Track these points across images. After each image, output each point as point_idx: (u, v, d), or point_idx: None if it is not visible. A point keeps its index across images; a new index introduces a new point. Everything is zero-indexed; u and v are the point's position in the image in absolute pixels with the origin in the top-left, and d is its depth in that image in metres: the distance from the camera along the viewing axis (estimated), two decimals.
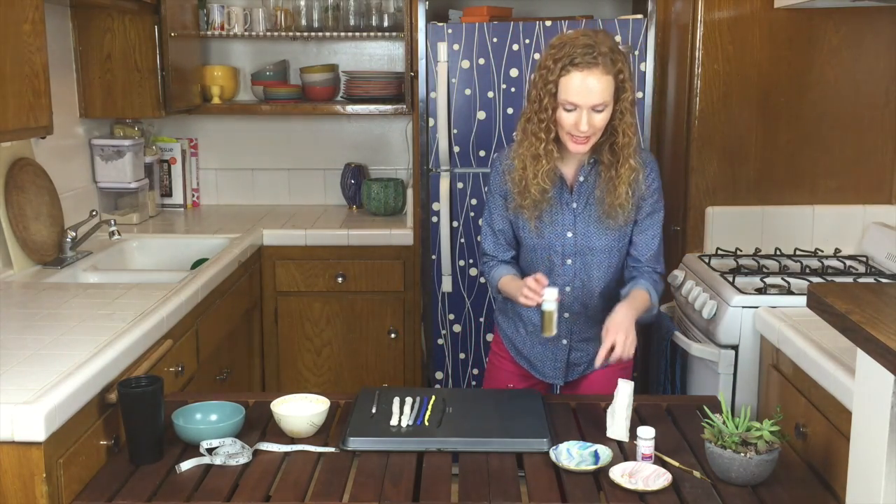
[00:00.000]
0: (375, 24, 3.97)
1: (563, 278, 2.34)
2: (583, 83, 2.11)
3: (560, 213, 2.29)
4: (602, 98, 2.12)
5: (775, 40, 3.12)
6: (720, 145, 3.20)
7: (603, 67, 2.10)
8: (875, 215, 3.18)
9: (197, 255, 3.44)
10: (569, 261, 2.33)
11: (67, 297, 2.56)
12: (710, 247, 3.21)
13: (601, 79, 2.11)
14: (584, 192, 2.29)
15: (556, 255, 2.33)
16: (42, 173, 3.09)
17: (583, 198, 2.29)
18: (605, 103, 2.13)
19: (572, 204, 2.29)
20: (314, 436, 2.05)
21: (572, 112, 2.14)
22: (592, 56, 2.10)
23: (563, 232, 2.31)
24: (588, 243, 2.31)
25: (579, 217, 2.30)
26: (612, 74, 2.12)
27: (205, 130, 4.22)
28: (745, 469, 1.82)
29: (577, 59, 2.10)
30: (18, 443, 1.75)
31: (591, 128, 2.14)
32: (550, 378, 2.45)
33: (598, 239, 2.31)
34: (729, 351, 2.63)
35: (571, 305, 2.37)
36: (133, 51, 3.51)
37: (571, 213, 2.30)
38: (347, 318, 3.73)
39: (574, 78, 2.11)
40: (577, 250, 2.32)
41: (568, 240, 2.31)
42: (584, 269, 2.34)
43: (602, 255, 2.32)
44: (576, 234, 2.31)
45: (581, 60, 2.10)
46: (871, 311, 1.70)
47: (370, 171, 4.24)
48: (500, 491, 1.81)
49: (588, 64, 2.10)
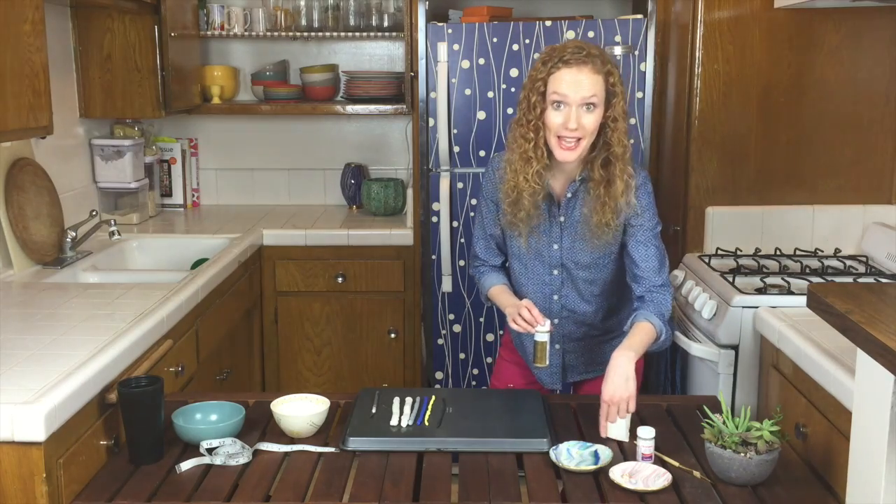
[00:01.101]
0: (375, 24, 3.97)
1: (550, 287, 2.34)
2: (572, 77, 2.09)
3: (547, 225, 2.27)
4: (592, 91, 2.08)
5: (775, 40, 3.12)
6: (720, 145, 3.20)
7: (592, 66, 2.09)
8: (875, 215, 3.18)
9: (197, 255, 3.44)
10: (555, 271, 2.32)
11: (67, 297, 2.56)
12: (710, 247, 3.21)
13: (590, 76, 2.09)
14: (571, 207, 2.25)
15: (542, 265, 2.32)
16: (42, 173, 3.09)
17: (569, 211, 2.26)
18: (595, 100, 2.09)
19: (559, 217, 2.27)
20: (314, 436, 2.05)
21: (560, 110, 2.10)
22: (583, 55, 2.09)
23: (549, 244, 2.29)
24: (574, 257, 2.29)
25: (566, 232, 2.27)
26: (601, 74, 2.10)
27: (205, 130, 4.22)
28: (745, 469, 1.82)
29: (566, 56, 2.10)
30: (18, 443, 1.75)
31: (581, 128, 2.09)
32: (548, 384, 2.45)
33: (584, 254, 2.28)
34: (729, 351, 2.63)
35: (560, 312, 2.36)
36: (133, 51, 3.51)
37: (558, 226, 2.28)
38: (347, 318, 3.73)
39: (563, 73, 2.09)
40: (563, 263, 2.31)
41: (554, 251, 2.30)
42: (570, 280, 2.33)
43: (588, 271, 2.31)
44: (562, 247, 2.29)
45: (571, 58, 2.09)
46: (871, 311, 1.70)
47: (370, 171, 4.24)
48: (500, 491, 1.81)
49: (578, 61, 2.09)
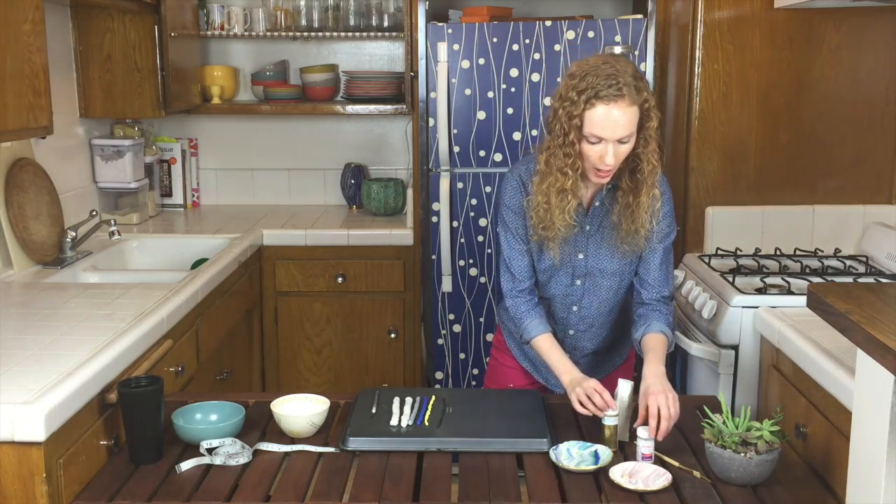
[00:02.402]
0: (375, 24, 3.97)
1: (571, 297, 2.34)
2: (608, 116, 2.03)
3: (572, 235, 2.26)
4: (628, 130, 2.06)
5: (775, 40, 3.12)
6: (720, 145, 3.20)
7: (629, 98, 2.04)
8: (875, 215, 3.18)
9: (197, 255, 3.44)
10: (578, 281, 2.32)
11: (67, 297, 2.56)
12: (710, 247, 3.21)
13: (626, 111, 2.04)
14: (599, 215, 2.25)
15: (566, 276, 2.32)
16: (42, 173, 3.09)
17: (596, 221, 2.26)
18: (630, 135, 2.08)
19: (586, 227, 2.26)
20: (314, 436, 2.05)
21: (597, 145, 2.07)
22: (617, 88, 2.03)
23: (574, 253, 2.29)
24: (599, 265, 2.29)
25: (591, 239, 2.27)
26: (637, 105, 2.06)
27: (205, 130, 4.21)
28: (745, 469, 1.82)
29: (601, 91, 2.03)
30: (18, 443, 1.75)
31: (616, 160, 2.09)
32: (554, 385, 2.43)
33: (609, 262, 2.28)
34: (729, 351, 2.63)
35: (578, 324, 2.37)
36: (133, 51, 3.51)
37: (584, 235, 2.27)
38: (347, 318, 3.73)
39: (599, 111, 2.03)
40: (588, 272, 2.30)
41: (579, 261, 2.29)
42: (593, 290, 2.32)
43: (613, 279, 2.31)
44: (587, 255, 2.29)
45: (606, 93, 2.03)
46: (871, 311, 1.70)
47: (370, 171, 4.23)
48: (500, 491, 1.81)
49: (614, 96, 2.03)
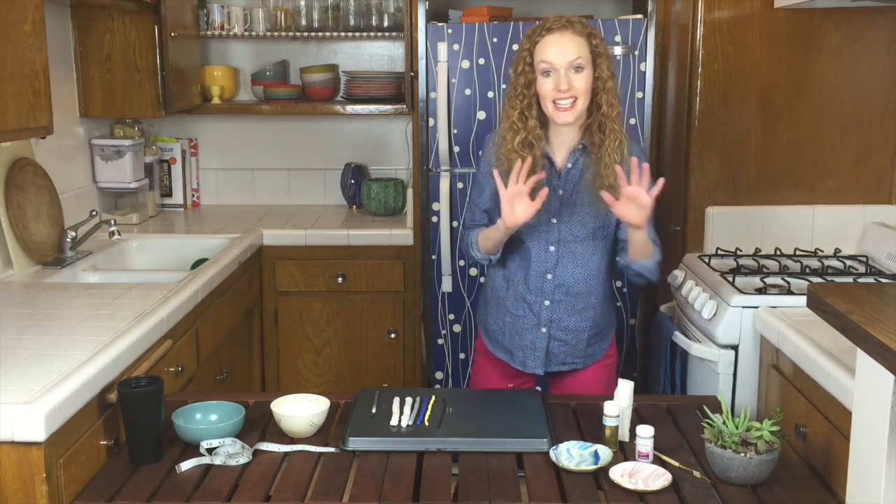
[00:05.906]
0: (375, 24, 3.97)
1: (545, 265, 2.35)
2: (555, 41, 2.21)
3: (546, 200, 2.26)
4: (577, 53, 2.20)
5: (775, 40, 3.12)
6: (720, 145, 3.20)
7: (574, 30, 2.22)
8: (875, 215, 3.18)
9: (197, 255, 3.44)
10: (552, 247, 2.33)
11: (67, 297, 2.56)
12: (710, 247, 3.21)
13: (573, 38, 2.21)
14: (572, 178, 2.31)
15: (539, 241, 2.33)
16: (42, 173, 3.09)
17: (570, 185, 2.31)
18: (581, 62, 2.20)
19: (559, 191, 2.31)
20: (314, 436, 2.05)
21: (550, 77, 2.20)
22: (563, 21, 2.23)
23: (547, 218, 2.31)
24: (571, 231, 2.32)
25: (565, 204, 2.31)
26: (583, 36, 2.22)
27: (205, 130, 4.22)
28: (745, 469, 1.82)
29: (548, 25, 2.24)
30: (18, 443, 1.75)
31: (572, 89, 2.19)
32: (531, 367, 2.42)
33: (582, 227, 2.31)
34: (729, 351, 2.63)
35: (553, 294, 2.37)
36: (133, 51, 3.51)
37: (558, 199, 2.31)
38: (347, 318, 3.73)
39: (547, 40, 2.22)
40: (561, 238, 2.32)
41: (552, 226, 2.32)
42: (567, 257, 2.34)
43: (585, 244, 2.33)
44: (560, 220, 2.31)
45: (553, 25, 2.23)
46: (871, 311, 1.70)
47: (370, 171, 4.24)
48: (500, 491, 1.81)
49: (561, 27, 2.22)
